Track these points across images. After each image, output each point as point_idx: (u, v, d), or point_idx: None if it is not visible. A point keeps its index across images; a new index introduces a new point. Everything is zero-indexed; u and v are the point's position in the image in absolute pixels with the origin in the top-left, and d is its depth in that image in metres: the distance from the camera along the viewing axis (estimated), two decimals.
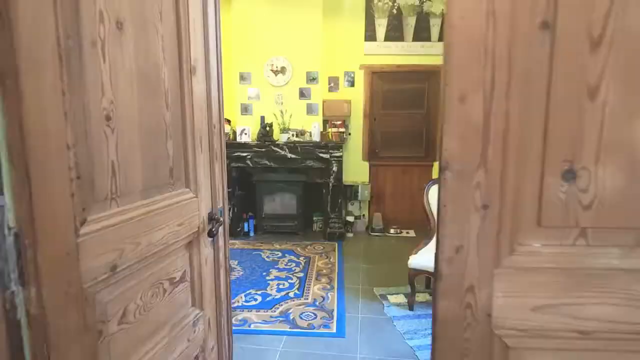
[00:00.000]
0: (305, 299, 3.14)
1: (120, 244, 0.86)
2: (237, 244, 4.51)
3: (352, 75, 4.99)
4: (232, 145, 4.61)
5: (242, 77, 4.76)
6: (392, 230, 5.00)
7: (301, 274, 3.62)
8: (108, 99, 0.83)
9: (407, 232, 5.04)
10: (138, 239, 0.92)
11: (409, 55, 4.89)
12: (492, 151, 0.65)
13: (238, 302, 3.07)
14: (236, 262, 3.91)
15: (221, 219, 1.33)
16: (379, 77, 5.02)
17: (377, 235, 4.94)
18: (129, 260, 0.89)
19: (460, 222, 0.73)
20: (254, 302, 3.07)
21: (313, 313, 2.91)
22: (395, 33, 4.86)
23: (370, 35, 4.90)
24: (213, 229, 1.24)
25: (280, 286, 3.36)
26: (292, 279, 3.50)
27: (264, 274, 3.63)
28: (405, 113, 5.07)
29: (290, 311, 2.92)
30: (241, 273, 3.64)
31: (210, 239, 1.29)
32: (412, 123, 5.09)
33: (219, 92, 1.33)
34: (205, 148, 1.25)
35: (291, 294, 3.21)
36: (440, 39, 4.82)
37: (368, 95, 5.01)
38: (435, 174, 5.10)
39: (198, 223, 1.20)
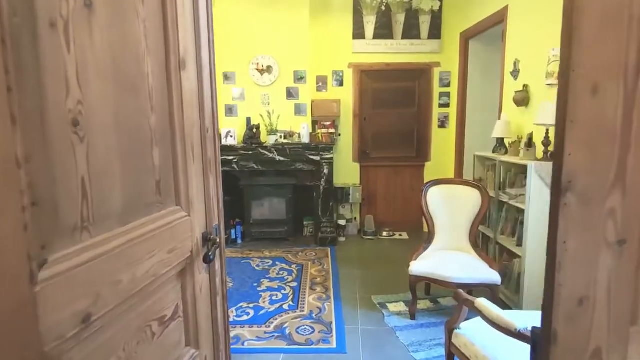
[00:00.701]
0: (300, 311, 2.95)
1: (95, 286, 0.66)
2: (226, 252, 4.27)
3: (341, 74, 4.83)
4: None
5: (226, 77, 4.54)
6: (384, 233, 4.87)
7: (294, 284, 3.43)
8: (75, 99, 0.64)
9: (400, 235, 4.91)
10: (118, 275, 0.72)
11: (399, 54, 4.76)
12: (634, 163, 0.48)
13: (229, 317, 2.85)
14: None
15: (218, 239, 1.14)
16: (368, 76, 4.88)
17: (369, 239, 4.79)
18: (108, 305, 0.69)
19: (586, 264, 0.56)
20: (246, 317, 2.87)
21: (310, 327, 2.72)
22: (384, 31, 4.73)
23: (358, 33, 4.75)
24: (210, 254, 1.05)
25: (274, 298, 3.17)
26: (285, 290, 3.31)
27: (255, 284, 3.42)
28: (396, 112, 4.94)
29: (286, 325, 2.73)
30: (231, 285, 3.42)
31: (206, 265, 1.10)
32: (402, 122, 4.97)
33: (212, 90, 1.15)
34: (198, 156, 1.06)
35: (285, 306, 3.02)
36: (430, 36, 4.72)
37: (357, 94, 4.86)
38: (428, 175, 4.99)
39: (192, 246, 1.01)
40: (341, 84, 4.85)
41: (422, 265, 2.73)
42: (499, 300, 2.67)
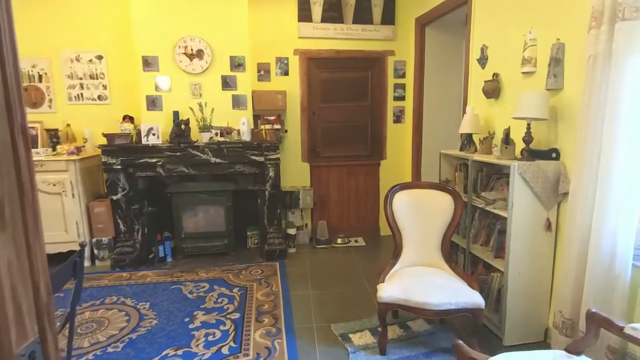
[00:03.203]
0: (245, 354, 2.33)
1: None
2: (150, 276, 3.51)
3: (286, 61, 4.22)
4: (137, 150, 3.58)
5: (147, 63, 3.73)
6: (339, 240, 4.38)
7: (236, 315, 2.79)
8: None
9: (356, 241, 4.45)
10: None
11: (350, 40, 4.26)
12: None
13: None
14: (147, 305, 2.95)
15: None
16: (317, 64, 4.33)
17: (323, 248, 4.27)
18: None
19: None
20: None
21: None
22: (333, 13, 4.20)
23: (304, 15, 4.17)
24: None
25: (210, 338, 2.51)
26: (224, 324, 2.67)
27: (187, 320, 2.73)
28: (347, 106, 4.45)
29: None
30: (155, 322, 2.70)
31: None
32: (355, 117, 4.49)
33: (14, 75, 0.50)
34: None
35: (225, 350, 2.38)
36: (383, 22, 4.27)
37: (305, 85, 4.29)
38: (384, 175, 4.57)
39: None
40: (286, 72, 4.24)
41: (393, 290, 2.24)
42: (481, 326, 2.27)
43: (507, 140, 2.45)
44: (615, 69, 1.76)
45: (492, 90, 2.82)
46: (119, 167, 3.57)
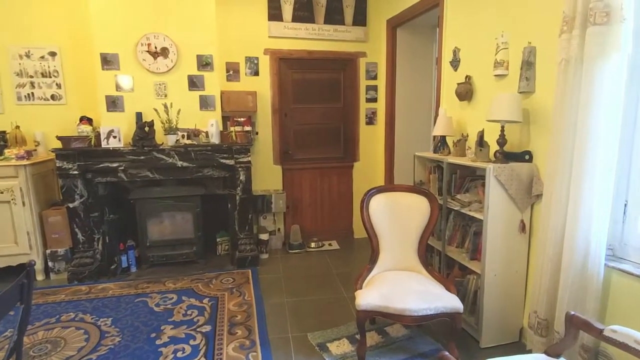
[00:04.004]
0: None
1: None
2: (112, 288, 3.27)
3: (256, 61, 4.10)
4: (96, 154, 3.34)
5: (106, 60, 3.49)
6: (313, 244, 4.29)
7: (207, 327, 2.65)
8: None
9: (330, 244, 4.38)
10: None
11: (321, 40, 4.20)
12: None
13: None
14: (109, 321, 2.74)
15: None
16: (288, 65, 4.23)
17: (296, 253, 4.17)
18: None
19: None
20: None
21: None
22: (304, 13, 4.11)
23: (274, 14, 4.06)
24: None
25: (179, 354, 2.35)
26: (195, 339, 2.51)
27: (153, 335, 2.56)
28: (320, 107, 4.38)
29: None
30: (118, 340, 2.51)
31: None
32: (327, 119, 4.43)
33: None
34: None
35: None
36: (355, 23, 4.23)
37: (276, 86, 4.18)
38: (358, 177, 4.53)
39: None
40: (256, 72, 4.11)
41: (372, 297, 2.18)
42: (460, 330, 2.25)
43: (481, 142, 2.46)
44: (587, 73, 1.79)
45: (465, 92, 2.84)
46: (76, 172, 3.31)
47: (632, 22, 1.69)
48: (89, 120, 3.57)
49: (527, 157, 2.31)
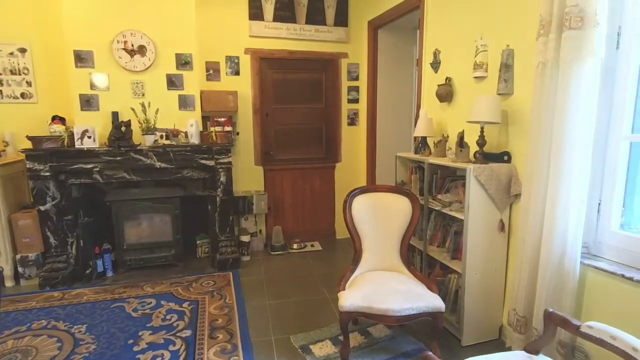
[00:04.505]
0: None
1: None
2: (87, 294, 3.16)
3: (237, 60, 4.04)
4: (69, 154, 3.22)
5: (80, 58, 3.37)
6: (295, 246, 4.27)
7: (187, 332, 2.58)
8: None
9: (312, 245, 4.37)
10: None
11: (303, 41, 4.18)
12: None
13: None
14: (84, 328, 2.64)
15: None
16: (269, 65, 4.19)
17: (278, 254, 4.13)
18: None
19: None
20: None
21: None
22: (285, 13, 4.09)
23: (255, 14, 4.02)
24: None
25: None
26: (174, 344, 2.45)
27: (131, 342, 2.48)
28: (301, 108, 4.36)
29: None
30: (93, 347, 2.41)
31: None
32: (309, 119, 4.41)
33: None
34: None
35: None
36: (336, 23, 4.24)
37: (257, 85, 4.13)
38: (340, 177, 4.53)
39: None
40: (237, 72, 4.06)
41: (354, 298, 2.17)
42: (442, 329, 2.28)
43: (461, 143, 2.50)
44: (563, 76, 1.83)
45: (445, 94, 2.87)
46: (48, 173, 3.18)
47: (605, 27, 1.74)
48: (62, 120, 3.43)
49: (505, 157, 2.36)
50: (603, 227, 1.95)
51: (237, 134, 4.12)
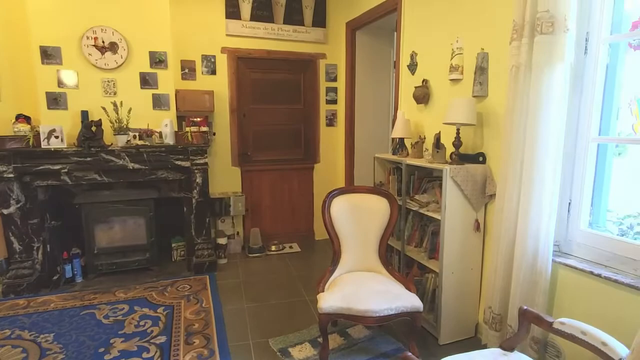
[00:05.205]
0: None
1: None
2: (55, 301, 3.02)
3: (213, 59, 3.97)
4: (35, 155, 3.07)
5: (47, 54, 3.23)
6: (273, 247, 4.22)
7: (162, 338, 2.51)
8: None
9: (291, 247, 4.34)
10: None
11: (281, 41, 4.15)
12: None
13: None
14: (51, 337, 2.51)
15: None
16: (247, 64, 4.13)
17: (256, 257, 4.08)
18: None
19: None
20: None
21: None
22: (263, 12, 4.04)
23: (232, 12, 3.96)
24: None
25: None
26: (148, 351, 2.37)
27: (102, 350, 2.38)
28: (280, 108, 4.33)
29: None
30: (61, 357, 2.30)
31: None
32: (288, 120, 4.38)
33: None
34: None
35: None
36: (314, 24, 4.23)
37: (234, 85, 4.07)
38: (318, 178, 4.52)
39: None
40: (213, 71, 3.98)
41: (334, 300, 2.16)
42: (420, 329, 2.30)
43: (438, 144, 2.53)
44: (535, 79, 1.88)
45: (422, 95, 2.91)
46: (11, 175, 3.02)
47: (574, 33, 1.81)
48: (27, 119, 3.27)
49: (481, 158, 2.41)
50: (573, 226, 2.01)
51: (214, 134, 4.04)
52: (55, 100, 3.27)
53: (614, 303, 1.71)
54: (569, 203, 2.02)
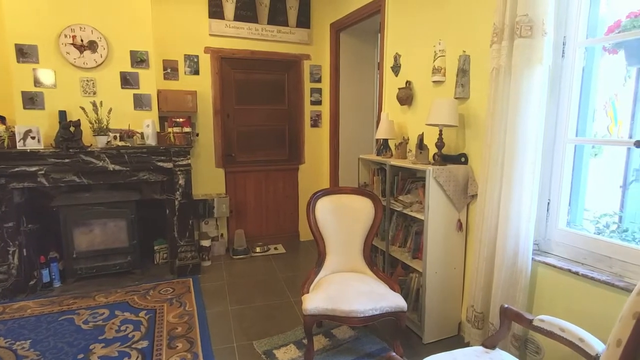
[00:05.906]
0: None
1: None
2: (31, 307, 2.93)
3: (196, 59, 3.92)
4: (10, 156, 2.97)
5: (22, 52, 3.13)
6: (258, 249, 4.20)
7: (144, 343, 2.46)
8: None
9: (275, 248, 4.32)
10: None
11: (265, 41, 4.12)
12: None
13: None
14: (27, 344, 2.43)
15: None
16: (231, 65, 4.10)
17: (241, 258, 4.05)
18: None
19: None
20: None
21: None
22: (247, 12, 4.02)
23: (216, 12, 3.92)
24: None
25: None
26: (129, 356, 2.32)
27: (81, 356, 2.32)
28: (264, 109, 4.30)
29: None
30: None
31: None
32: (272, 120, 4.36)
33: None
34: None
35: None
36: (298, 25, 4.22)
37: (218, 86, 4.03)
38: (303, 179, 4.51)
39: None
40: (196, 71, 3.93)
41: (318, 301, 2.16)
42: (404, 328, 2.31)
43: (421, 145, 2.56)
44: (515, 82, 1.92)
45: (406, 97, 2.94)
46: None
47: (552, 36, 1.85)
48: (2, 119, 3.17)
49: (462, 159, 2.44)
50: (552, 225, 2.06)
51: (197, 135, 3.99)
52: (31, 100, 3.18)
53: (591, 300, 1.76)
54: (548, 203, 2.06)
